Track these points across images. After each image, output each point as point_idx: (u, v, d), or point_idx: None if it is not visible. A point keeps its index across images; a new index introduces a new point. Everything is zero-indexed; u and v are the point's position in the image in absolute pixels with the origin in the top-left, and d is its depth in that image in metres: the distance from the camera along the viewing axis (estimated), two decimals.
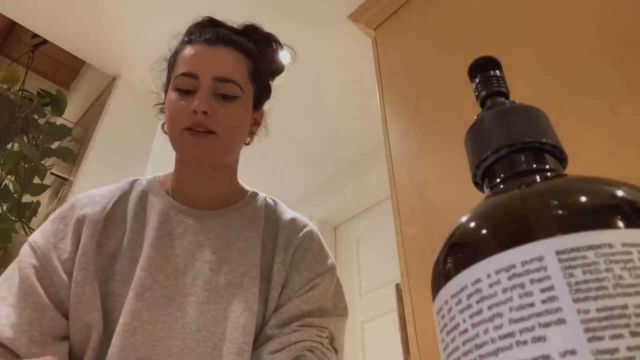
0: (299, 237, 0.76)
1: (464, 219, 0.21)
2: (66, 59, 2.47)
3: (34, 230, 0.73)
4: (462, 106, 1.18)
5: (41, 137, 2.03)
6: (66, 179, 1.95)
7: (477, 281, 0.18)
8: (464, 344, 0.18)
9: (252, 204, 0.80)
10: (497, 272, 0.18)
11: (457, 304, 0.19)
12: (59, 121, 2.13)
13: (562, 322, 0.16)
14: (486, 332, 0.17)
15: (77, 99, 2.46)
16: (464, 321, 0.18)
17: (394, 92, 1.51)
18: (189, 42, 0.77)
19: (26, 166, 1.96)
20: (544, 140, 0.23)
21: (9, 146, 1.99)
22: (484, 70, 0.27)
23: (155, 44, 0.86)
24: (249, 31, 0.82)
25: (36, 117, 2.07)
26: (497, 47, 1.22)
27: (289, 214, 0.81)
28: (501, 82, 0.27)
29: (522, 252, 0.18)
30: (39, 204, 1.95)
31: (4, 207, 1.89)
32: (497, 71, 0.27)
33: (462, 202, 0.93)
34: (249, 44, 0.79)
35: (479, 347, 0.17)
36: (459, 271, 0.19)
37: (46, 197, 2.01)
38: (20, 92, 2.16)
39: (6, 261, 1.84)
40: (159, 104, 0.83)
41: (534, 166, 0.23)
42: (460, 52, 1.34)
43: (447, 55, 1.38)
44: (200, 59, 0.73)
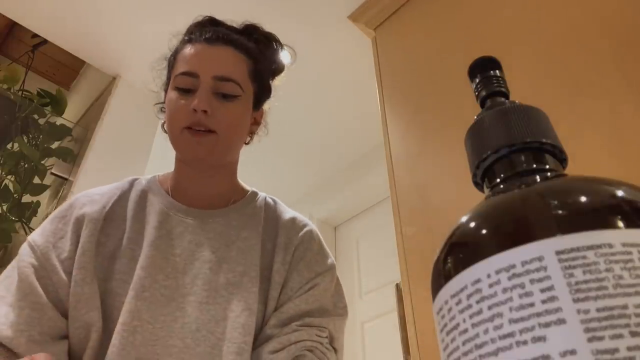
0: (298, 236, 0.76)
1: (464, 219, 0.21)
2: (66, 59, 2.47)
3: (34, 230, 0.73)
4: (462, 106, 1.18)
5: (41, 137, 2.03)
6: (66, 179, 1.95)
7: (477, 281, 0.18)
8: (464, 344, 0.18)
9: (252, 204, 0.80)
10: (497, 272, 0.18)
11: (457, 304, 0.19)
12: (59, 121, 2.13)
13: (562, 322, 0.16)
14: (486, 332, 0.17)
15: (77, 99, 2.46)
16: (464, 321, 0.18)
17: (394, 92, 1.51)
18: (189, 41, 0.77)
19: (26, 166, 1.96)
20: (544, 140, 0.23)
21: (9, 146, 1.99)
22: (484, 70, 0.27)
23: (155, 44, 0.85)
24: (249, 30, 0.82)
25: (36, 117, 2.07)
26: (497, 47, 1.22)
27: (288, 214, 0.81)
28: (501, 82, 0.27)
29: (522, 252, 0.18)
30: (39, 204, 1.95)
31: (4, 207, 1.89)
32: (497, 71, 0.27)
33: (462, 202, 0.93)
34: (249, 43, 0.79)
35: (479, 347, 0.17)
36: (459, 271, 0.19)
37: (46, 197, 2.01)
38: (20, 92, 2.16)
39: (6, 261, 1.83)
40: (159, 103, 0.83)
41: (534, 166, 0.23)
42: (460, 52, 1.34)
43: (447, 55, 1.38)
44: (200, 58, 0.73)
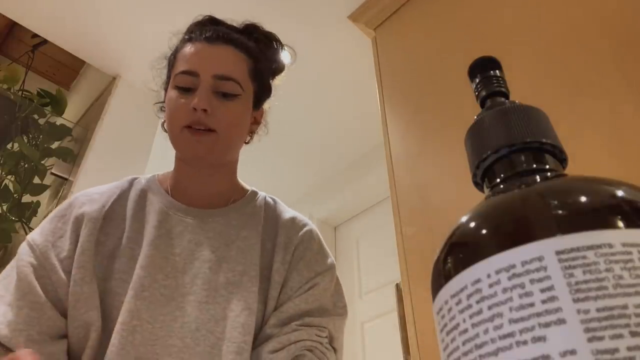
0: (298, 236, 0.76)
1: (464, 219, 0.21)
2: (66, 59, 2.47)
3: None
4: (462, 106, 1.18)
5: (41, 137, 2.03)
6: (66, 179, 1.95)
7: (477, 281, 0.18)
8: (464, 344, 0.18)
9: (251, 203, 0.80)
10: (497, 272, 0.18)
11: (457, 304, 0.19)
12: (59, 121, 2.13)
13: (562, 322, 0.16)
14: (486, 332, 0.17)
15: (77, 99, 2.46)
16: (464, 321, 0.18)
17: (394, 92, 1.51)
18: (189, 40, 0.77)
19: (26, 166, 1.96)
20: (544, 140, 0.23)
21: (9, 146, 1.99)
22: (484, 70, 0.27)
23: (155, 44, 0.85)
24: (249, 30, 0.82)
25: (36, 117, 2.07)
26: (497, 47, 1.22)
27: (288, 213, 0.80)
28: (501, 82, 0.27)
29: (522, 252, 0.18)
30: (39, 204, 1.95)
31: (4, 207, 1.89)
32: (497, 71, 0.27)
33: (462, 202, 0.93)
34: (249, 43, 0.79)
35: (479, 347, 0.17)
36: (459, 271, 0.19)
37: (46, 197, 2.01)
38: (20, 92, 2.16)
39: (6, 261, 1.83)
40: (159, 103, 0.83)
41: (534, 166, 0.23)
42: (460, 52, 1.34)
43: (447, 55, 1.38)
44: (200, 57, 0.73)
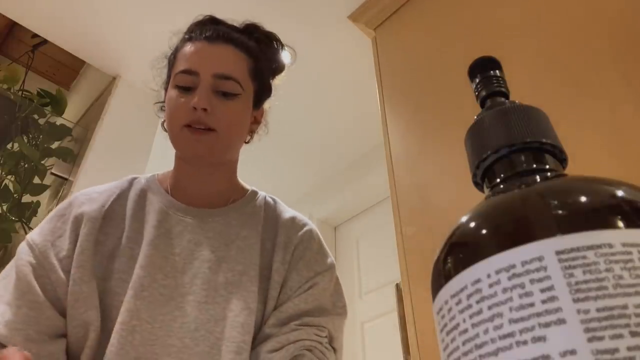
0: (298, 236, 0.76)
1: (464, 219, 0.21)
2: (66, 59, 2.47)
3: None
4: (462, 106, 1.18)
5: (41, 137, 2.03)
6: (66, 179, 1.95)
7: (477, 281, 0.18)
8: (464, 344, 0.18)
9: (251, 203, 0.80)
10: (497, 272, 0.18)
11: (457, 304, 0.19)
12: (59, 121, 2.13)
13: (562, 322, 0.16)
14: (486, 332, 0.17)
15: (77, 99, 2.46)
16: (464, 321, 0.18)
17: (394, 92, 1.51)
18: (189, 40, 0.77)
19: (26, 166, 1.96)
20: (544, 140, 0.23)
21: (9, 146, 1.99)
22: (484, 70, 0.27)
23: (155, 44, 0.85)
24: (250, 29, 0.82)
25: (36, 117, 2.07)
26: (497, 47, 1.22)
27: (288, 213, 0.80)
28: (501, 82, 0.27)
29: (522, 252, 0.18)
30: (39, 204, 1.95)
31: (4, 207, 1.89)
32: (497, 71, 0.27)
33: (462, 202, 0.93)
34: (249, 42, 0.79)
35: (479, 347, 0.17)
36: (459, 271, 0.19)
37: (46, 197, 2.01)
38: (20, 92, 2.16)
39: (6, 261, 1.83)
40: (159, 102, 0.83)
41: (534, 166, 0.23)
42: (460, 51, 1.34)
43: (447, 55, 1.38)
44: (200, 56, 0.73)
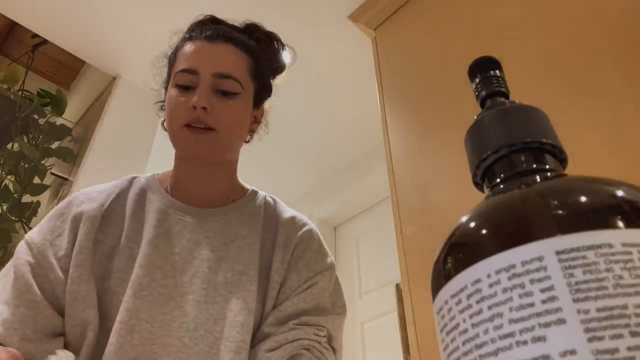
0: (298, 235, 0.76)
1: (464, 219, 0.21)
2: (66, 59, 2.47)
3: None
4: (462, 106, 1.18)
5: (41, 137, 2.03)
6: (66, 179, 1.95)
7: (477, 281, 0.18)
8: (464, 344, 0.18)
9: (251, 203, 0.80)
10: (497, 272, 0.18)
11: (457, 304, 0.19)
12: (59, 121, 2.13)
13: (562, 322, 0.16)
14: (486, 332, 0.17)
15: (77, 99, 2.46)
16: (464, 321, 0.18)
17: (394, 92, 1.51)
18: (189, 39, 0.77)
19: (26, 166, 1.96)
20: (544, 140, 0.23)
21: (9, 146, 1.99)
22: (484, 70, 0.27)
23: (155, 44, 0.85)
24: (250, 29, 0.82)
25: (36, 117, 2.07)
26: (498, 47, 1.22)
27: (288, 213, 0.80)
28: (501, 82, 0.27)
29: (522, 252, 0.18)
30: (39, 204, 1.95)
31: (4, 207, 1.89)
32: (497, 71, 0.27)
33: (462, 202, 0.93)
34: (249, 42, 0.79)
35: (479, 347, 0.17)
36: (459, 271, 0.19)
37: (46, 197, 2.01)
38: (20, 92, 2.16)
39: (6, 261, 1.83)
40: (159, 102, 0.83)
41: (534, 166, 0.23)
42: (460, 51, 1.34)
43: (447, 55, 1.38)
44: (200, 55, 0.73)
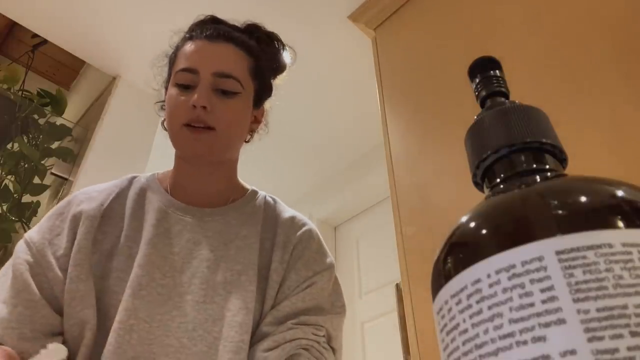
0: (297, 235, 0.76)
1: (464, 219, 0.21)
2: (66, 59, 2.47)
3: None
4: (462, 106, 1.18)
5: (41, 137, 2.03)
6: (66, 179, 1.95)
7: (477, 281, 0.18)
8: (464, 344, 0.18)
9: (251, 202, 0.80)
10: (497, 272, 0.18)
11: (457, 304, 0.19)
12: (59, 121, 2.13)
13: (562, 322, 0.16)
14: (486, 332, 0.17)
15: (77, 99, 2.46)
16: (464, 321, 0.18)
17: (394, 92, 1.51)
18: (190, 39, 0.77)
19: (26, 166, 1.96)
20: (544, 140, 0.23)
21: (9, 146, 1.99)
22: (484, 70, 0.27)
23: (155, 44, 0.85)
24: (251, 29, 0.82)
25: (36, 117, 2.07)
26: (498, 47, 1.22)
27: (288, 213, 0.80)
28: (501, 82, 0.27)
29: (522, 252, 0.18)
30: (39, 204, 1.95)
31: (4, 207, 1.89)
32: (497, 71, 0.27)
33: (462, 202, 0.93)
34: (250, 41, 0.79)
35: (479, 347, 0.17)
36: (459, 271, 0.19)
37: (46, 197, 2.01)
38: (20, 92, 2.16)
39: (6, 261, 1.83)
40: (159, 102, 0.83)
41: (534, 166, 0.23)
42: (460, 51, 1.34)
43: (447, 54, 1.38)
44: (200, 55, 0.73)
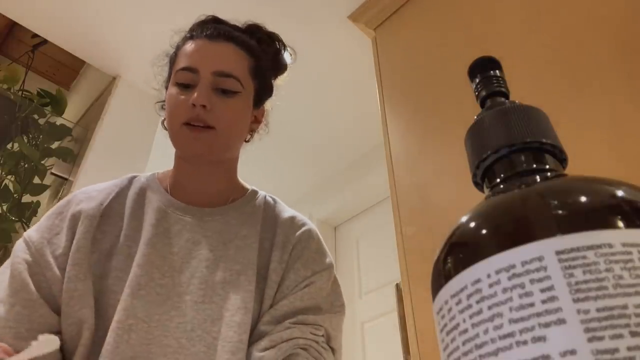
0: (296, 235, 0.76)
1: (464, 219, 0.21)
2: (66, 59, 2.47)
3: None
4: (462, 106, 1.18)
5: (41, 137, 2.03)
6: (66, 179, 1.95)
7: (477, 281, 0.18)
8: (464, 344, 0.18)
9: (251, 202, 0.80)
10: (497, 272, 0.18)
11: (457, 304, 0.19)
12: (59, 121, 2.13)
13: (562, 322, 0.16)
14: (486, 332, 0.17)
15: (77, 99, 2.46)
16: (464, 321, 0.18)
17: (394, 92, 1.51)
18: (190, 38, 0.77)
19: (26, 166, 1.96)
20: (544, 140, 0.23)
21: (9, 146, 1.99)
22: (484, 70, 0.27)
23: (155, 44, 0.85)
24: (251, 29, 0.82)
25: (36, 117, 2.07)
26: (498, 47, 1.22)
27: (287, 213, 0.80)
28: (501, 82, 0.27)
29: (522, 252, 0.18)
30: (39, 204, 1.95)
31: (4, 207, 1.89)
32: (497, 71, 0.27)
33: (462, 202, 0.93)
34: (250, 41, 0.79)
35: (479, 347, 0.17)
36: (459, 271, 0.19)
37: (46, 197, 2.01)
38: (20, 92, 2.16)
39: (5, 261, 1.83)
40: (159, 101, 0.83)
41: (534, 166, 0.23)
42: (460, 51, 1.33)
43: (447, 55, 1.38)
44: (200, 54, 0.73)
